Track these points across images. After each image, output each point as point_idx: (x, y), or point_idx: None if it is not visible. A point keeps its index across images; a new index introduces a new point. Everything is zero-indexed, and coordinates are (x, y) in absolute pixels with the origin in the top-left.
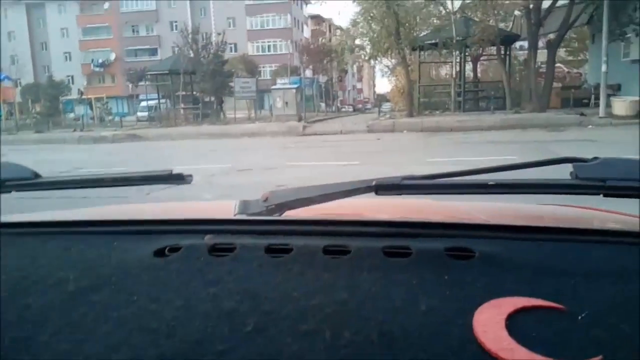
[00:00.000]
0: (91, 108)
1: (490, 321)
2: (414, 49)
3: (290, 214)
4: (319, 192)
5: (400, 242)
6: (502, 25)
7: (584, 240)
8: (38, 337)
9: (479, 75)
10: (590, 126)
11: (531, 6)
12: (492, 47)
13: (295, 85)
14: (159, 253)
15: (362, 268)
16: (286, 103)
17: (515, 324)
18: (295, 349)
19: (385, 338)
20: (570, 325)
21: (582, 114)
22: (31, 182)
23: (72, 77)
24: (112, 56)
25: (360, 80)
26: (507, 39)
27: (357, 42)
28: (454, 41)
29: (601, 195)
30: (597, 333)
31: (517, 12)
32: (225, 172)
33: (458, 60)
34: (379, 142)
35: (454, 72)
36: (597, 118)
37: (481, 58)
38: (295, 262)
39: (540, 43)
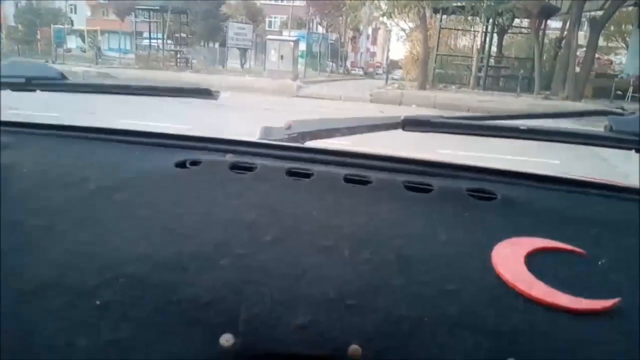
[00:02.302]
0: (83, 40)
1: (509, 256)
2: (435, 11)
3: (312, 144)
4: (343, 124)
5: (421, 179)
6: None
7: (610, 195)
8: (57, 226)
9: (503, 50)
10: None
11: None
12: (522, 20)
13: (294, 38)
14: (180, 165)
15: (382, 198)
16: (282, 57)
17: (534, 261)
18: (313, 261)
19: (403, 261)
20: (590, 269)
21: (622, 109)
22: (57, 82)
23: (75, 6)
24: None
25: (374, 43)
26: (545, 11)
27: None
28: (485, 6)
29: (633, 152)
30: (616, 278)
31: None
32: None
33: (485, 29)
34: (381, 115)
35: (478, 43)
36: None
37: (509, 31)
38: (316, 185)
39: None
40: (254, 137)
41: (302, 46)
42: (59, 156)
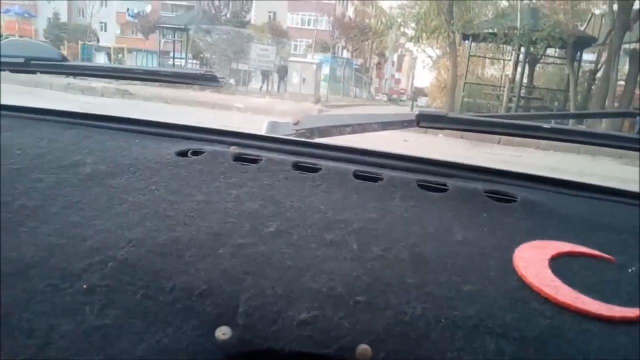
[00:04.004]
0: (109, 58)
1: (532, 259)
2: (465, 37)
3: (321, 141)
4: (354, 121)
5: (436, 179)
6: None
7: (634, 203)
8: (48, 207)
9: (533, 80)
10: None
11: (615, 6)
12: (556, 49)
13: (317, 61)
14: (182, 154)
15: (394, 195)
16: (304, 80)
17: (560, 266)
18: (318, 254)
19: (417, 259)
20: (619, 276)
21: None
22: (57, 64)
23: (105, 24)
24: (148, 8)
25: (399, 70)
26: (581, 41)
27: (399, 19)
28: (519, 34)
29: None
30: None
31: (596, 11)
32: None
33: (516, 58)
34: (405, 145)
35: (510, 72)
36: None
37: (541, 60)
38: (324, 180)
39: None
40: (260, 132)
41: (326, 70)
42: (57, 140)
